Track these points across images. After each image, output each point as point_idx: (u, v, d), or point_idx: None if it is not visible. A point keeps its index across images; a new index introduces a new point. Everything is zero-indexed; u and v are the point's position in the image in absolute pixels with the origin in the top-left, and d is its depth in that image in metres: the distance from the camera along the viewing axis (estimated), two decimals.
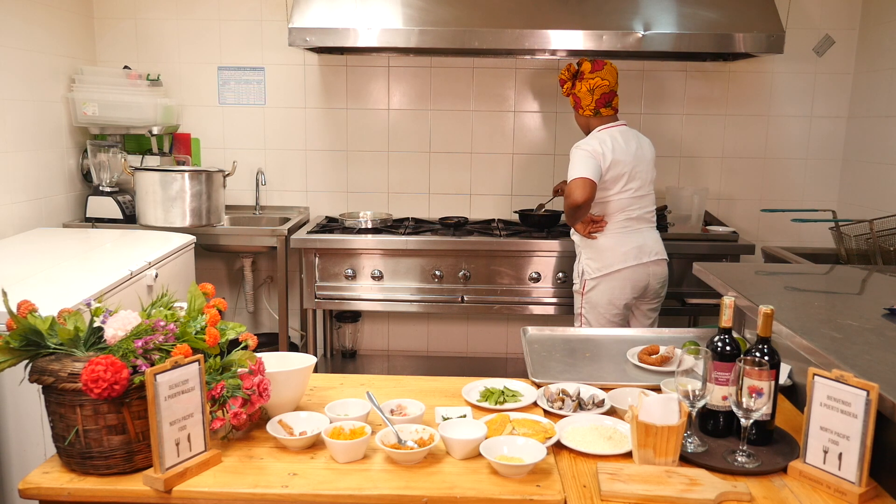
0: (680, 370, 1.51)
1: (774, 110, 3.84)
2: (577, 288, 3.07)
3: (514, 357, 4.04)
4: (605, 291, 2.96)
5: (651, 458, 1.44)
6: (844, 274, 2.59)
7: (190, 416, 1.42)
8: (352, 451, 1.49)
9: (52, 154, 3.45)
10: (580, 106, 3.02)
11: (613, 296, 2.96)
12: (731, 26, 3.24)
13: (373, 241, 3.36)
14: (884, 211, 3.22)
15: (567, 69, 3.04)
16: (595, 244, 2.98)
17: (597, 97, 2.96)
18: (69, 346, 1.46)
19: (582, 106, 3.01)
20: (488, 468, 1.46)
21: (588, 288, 2.99)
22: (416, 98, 3.88)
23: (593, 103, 2.97)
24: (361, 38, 3.27)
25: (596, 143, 2.90)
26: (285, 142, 3.93)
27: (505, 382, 1.86)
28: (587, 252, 3.01)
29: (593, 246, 2.98)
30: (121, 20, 3.82)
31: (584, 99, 2.99)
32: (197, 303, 1.57)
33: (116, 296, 2.32)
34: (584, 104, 3.00)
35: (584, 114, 3.03)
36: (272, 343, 3.81)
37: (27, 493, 1.41)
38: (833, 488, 1.38)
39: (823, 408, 1.40)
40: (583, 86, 2.97)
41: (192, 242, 3.12)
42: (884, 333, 1.75)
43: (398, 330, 4.09)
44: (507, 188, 3.96)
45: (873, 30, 3.63)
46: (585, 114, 3.02)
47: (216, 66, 3.85)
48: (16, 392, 1.94)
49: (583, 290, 3.01)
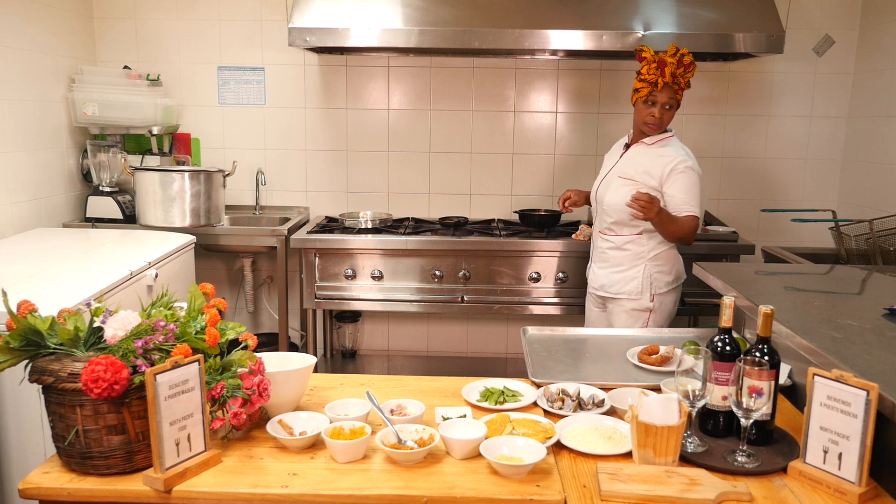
0: (680, 370, 1.51)
1: (774, 110, 3.84)
2: (639, 305, 2.75)
3: (514, 357, 4.04)
4: (671, 303, 2.80)
5: (651, 458, 1.44)
6: (844, 274, 2.59)
7: (190, 416, 1.42)
8: (352, 451, 1.49)
9: (52, 154, 3.45)
10: (678, 105, 2.73)
11: (675, 308, 2.83)
12: (731, 26, 3.24)
13: (373, 241, 3.36)
14: (884, 211, 3.22)
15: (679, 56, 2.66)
16: (664, 255, 2.76)
17: None
18: (69, 346, 1.46)
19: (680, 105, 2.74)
20: (488, 468, 1.46)
21: (658, 303, 2.75)
22: (416, 98, 3.88)
23: None
24: (361, 38, 3.27)
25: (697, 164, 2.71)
26: (285, 142, 3.93)
27: (505, 382, 1.86)
28: (655, 264, 2.75)
29: (662, 257, 2.76)
30: (121, 20, 3.82)
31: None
32: (197, 303, 1.57)
33: (116, 296, 2.32)
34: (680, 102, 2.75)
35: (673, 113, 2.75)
36: (272, 343, 3.81)
37: (27, 493, 1.41)
38: (833, 488, 1.38)
39: (823, 408, 1.40)
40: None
41: (192, 242, 3.12)
42: (884, 333, 1.75)
43: (398, 330, 4.09)
44: (507, 188, 3.95)
45: (873, 30, 3.63)
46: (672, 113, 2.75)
47: (216, 66, 3.85)
48: (16, 392, 1.94)
49: (651, 304, 2.74)
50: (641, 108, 2.74)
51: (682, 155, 2.70)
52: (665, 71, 2.65)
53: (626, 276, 2.78)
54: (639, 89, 2.72)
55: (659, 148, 2.75)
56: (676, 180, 2.67)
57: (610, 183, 2.82)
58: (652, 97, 2.69)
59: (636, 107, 2.77)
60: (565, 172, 3.93)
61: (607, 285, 2.83)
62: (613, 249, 2.82)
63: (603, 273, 2.86)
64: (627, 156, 2.83)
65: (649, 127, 2.73)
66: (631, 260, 2.78)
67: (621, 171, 2.79)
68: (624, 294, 2.78)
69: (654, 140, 2.77)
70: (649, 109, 2.71)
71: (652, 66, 2.67)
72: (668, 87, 2.67)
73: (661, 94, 2.68)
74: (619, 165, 2.83)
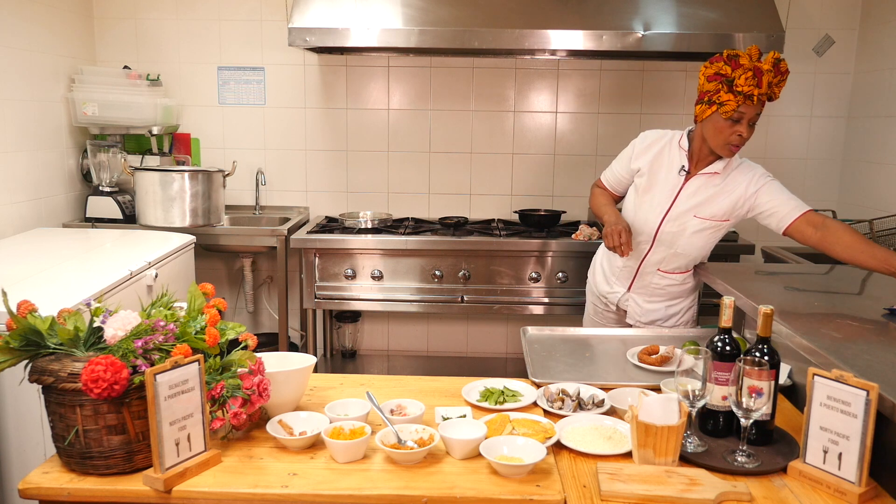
0: (680, 370, 1.51)
1: (774, 110, 3.84)
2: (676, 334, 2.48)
3: (514, 357, 4.04)
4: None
5: (651, 458, 1.44)
6: (844, 274, 2.59)
7: (190, 416, 1.42)
8: (352, 451, 1.49)
9: (52, 154, 3.45)
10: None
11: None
12: (731, 26, 3.24)
13: (373, 241, 3.36)
14: (884, 211, 3.22)
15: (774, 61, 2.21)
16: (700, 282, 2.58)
17: None
18: (69, 346, 1.46)
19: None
20: (488, 468, 1.46)
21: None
22: (416, 98, 3.88)
23: None
24: (361, 38, 3.27)
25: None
26: (285, 142, 3.93)
27: (505, 382, 1.86)
28: (695, 295, 2.58)
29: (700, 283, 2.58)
30: (121, 20, 3.82)
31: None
32: (197, 303, 1.57)
33: (116, 296, 2.32)
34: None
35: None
36: (272, 343, 3.81)
37: (27, 493, 1.41)
38: (833, 488, 1.38)
39: (823, 408, 1.40)
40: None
41: (192, 242, 3.12)
42: (884, 333, 1.75)
43: (398, 330, 4.09)
44: (507, 188, 3.95)
45: (873, 30, 3.63)
46: None
47: (216, 66, 3.85)
48: (16, 392, 1.94)
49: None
50: (723, 125, 2.25)
51: (758, 170, 2.36)
52: (762, 81, 2.18)
53: (681, 307, 2.57)
54: (724, 102, 2.22)
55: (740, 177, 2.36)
56: (763, 192, 2.32)
57: (684, 223, 2.41)
58: (739, 112, 2.22)
59: (709, 124, 2.29)
60: (565, 172, 3.93)
61: (661, 319, 2.57)
62: (675, 285, 2.54)
63: (656, 307, 2.57)
64: (697, 189, 2.39)
65: (732, 149, 2.29)
66: (688, 293, 2.57)
67: (698, 211, 2.38)
68: (679, 325, 2.57)
69: (731, 170, 2.37)
70: (734, 128, 2.24)
71: (748, 75, 2.18)
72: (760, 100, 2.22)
73: (751, 109, 2.22)
74: (689, 200, 2.40)
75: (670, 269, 2.51)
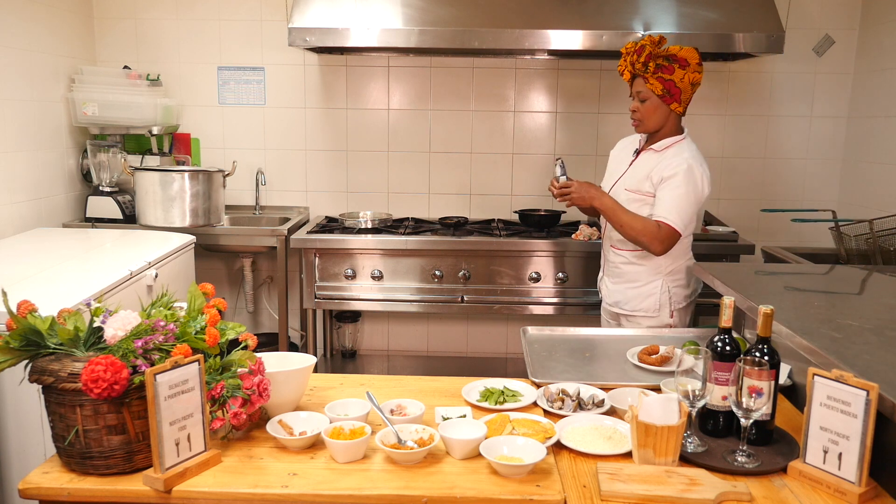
0: (680, 370, 1.51)
1: (774, 110, 3.84)
2: (657, 322, 2.58)
3: (514, 357, 4.04)
4: (690, 317, 2.67)
5: (651, 458, 1.44)
6: (844, 274, 2.59)
7: (190, 416, 1.42)
8: (352, 451, 1.49)
9: (52, 154, 3.45)
10: (678, 99, 2.49)
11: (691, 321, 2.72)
12: (731, 26, 3.24)
13: (373, 241, 3.36)
14: (884, 211, 3.22)
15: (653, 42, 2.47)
16: (681, 268, 2.60)
17: (691, 95, 2.54)
18: (69, 346, 1.46)
19: (681, 101, 2.50)
20: (488, 468, 1.46)
21: (677, 318, 2.60)
22: (416, 98, 3.88)
23: (688, 102, 2.54)
24: (361, 38, 3.27)
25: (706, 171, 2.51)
26: (285, 142, 3.93)
27: (505, 382, 1.86)
28: (672, 278, 2.59)
29: (681, 269, 2.60)
30: (121, 20, 3.82)
31: (685, 92, 2.49)
32: (197, 303, 1.57)
33: (116, 296, 2.32)
34: (683, 98, 2.50)
35: (677, 110, 2.52)
36: (272, 343, 3.81)
37: (27, 493, 1.41)
38: (833, 488, 1.38)
39: (823, 408, 1.40)
40: (687, 77, 2.46)
41: (192, 242, 3.12)
42: (884, 333, 1.75)
43: (398, 330, 4.09)
44: (507, 188, 3.95)
45: (873, 30, 3.63)
46: (679, 110, 2.53)
47: (216, 66, 3.85)
48: (16, 392, 1.94)
49: (671, 320, 2.58)
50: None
51: (683, 163, 2.47)
52: (626, 60, 2.54)
53: (642, 292, 2.59)
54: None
55: (667, 153, 2.53)
56: (665, 186, 2.48)
57: (616, 196, 2.60)
58: (632, 90, 2.56)
59: None
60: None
61: (622, 302, 2.64)
62: (627, 264, 2.63)
63: (617, 289, 2.67)
64: (636, 163, 2.62)
65: (633, 123, 2.58)
66: (648, 275, 2.59)
67: (628, 184, 2.60)
68: (641, 311, 2.59)
69: (665, 146, 2.55)
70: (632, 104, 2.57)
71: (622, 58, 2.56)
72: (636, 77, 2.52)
73: (632, 86, 2.55)
74: (626, 176, 2.63)
75: (616, 243, 2.67)
